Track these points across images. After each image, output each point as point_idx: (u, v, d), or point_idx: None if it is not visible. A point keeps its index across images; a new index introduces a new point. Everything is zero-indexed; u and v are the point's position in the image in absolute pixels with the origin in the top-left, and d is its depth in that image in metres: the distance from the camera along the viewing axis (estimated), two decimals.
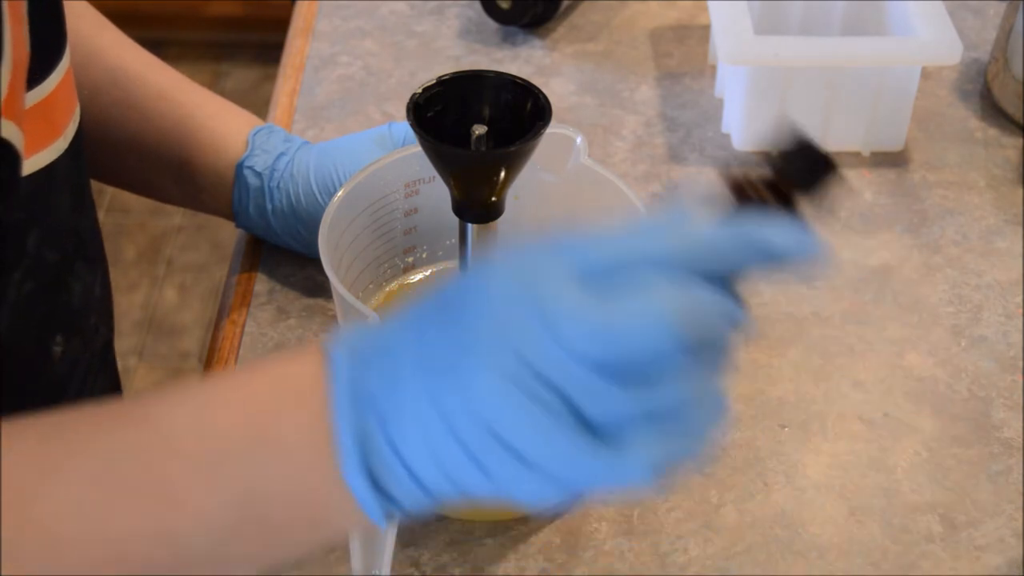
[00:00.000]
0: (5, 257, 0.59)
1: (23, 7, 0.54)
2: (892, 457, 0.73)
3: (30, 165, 0.59)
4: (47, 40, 0.59)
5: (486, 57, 1.00)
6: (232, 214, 0.81)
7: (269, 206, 0.79)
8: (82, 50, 0.77)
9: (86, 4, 0.79)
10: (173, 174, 0.80)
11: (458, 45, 1.01)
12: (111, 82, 0.78)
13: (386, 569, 0.59)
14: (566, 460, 0.42)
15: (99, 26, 0.79)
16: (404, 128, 0.77)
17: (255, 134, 0.80)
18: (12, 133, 0.53)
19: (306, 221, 0.78)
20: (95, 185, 0.82)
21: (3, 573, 0.43)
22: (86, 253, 0.65)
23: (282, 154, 0.79)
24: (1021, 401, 0.76)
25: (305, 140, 0.81)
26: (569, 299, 0.42)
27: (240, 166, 0.79)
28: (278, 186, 0.78)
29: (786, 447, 0.73)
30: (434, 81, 0.62)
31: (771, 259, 0.45)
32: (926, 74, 0.99)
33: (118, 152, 0.80)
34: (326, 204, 0.76)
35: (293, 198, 0.78)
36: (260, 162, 0.78)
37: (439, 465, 0.43)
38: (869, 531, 0.69)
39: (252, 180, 0.78)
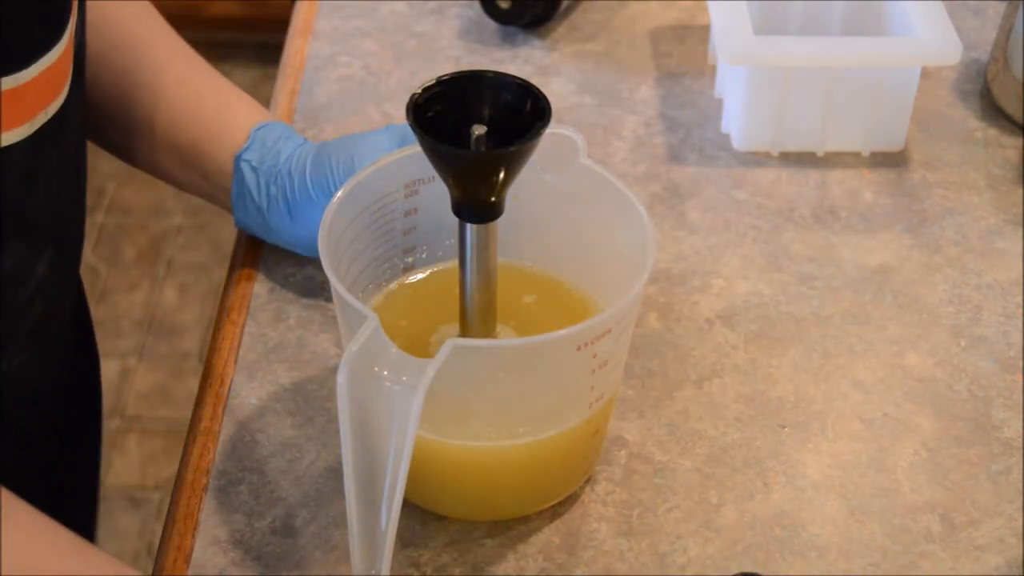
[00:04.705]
0: None
1: None
2: (892, 457, 0.73)
3: None
4: (34, 30, 0.61)
5: (486, 57, 1.00)
6: (232, 208, 0.81)
7: (264, 202, 0.79)
8: (121, 35, 0.80)
9: None
10: (182, 159, 0.82)
11: (458, 45, 1.01)
12: (136, 66, 0.81)
13: (386, 569, 0.59)
14: None
15: (142, 13, 0.83)
16: (403, 128, 0.77)
17: (258, 129, 0.80)
18: None
19: (300, 219, 0.78)
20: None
21: None
22: (27, 235, 0.67)
23: (280, 150, 0.79)
24: (1021, 401, 0.76)
25: (307, 140, 0.81)
26: None
27: (238, 159, 0.79)
28: (275, 181, 0.78)
29: (786, 447, 0.73)
30: (434, 81, 0.62)
31: None
32: (926, 74, 0.99)
33: (132, 131, 0.82)
34: (320, 202, 0.76)
35: (288, 194, 0.78)
36: (256, 156, 0.79)
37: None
38: (869, 531, 0.69)
39: (248, 174, 0.79)
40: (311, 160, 0.78)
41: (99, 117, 0.80)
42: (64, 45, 0.63)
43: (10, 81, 0.60)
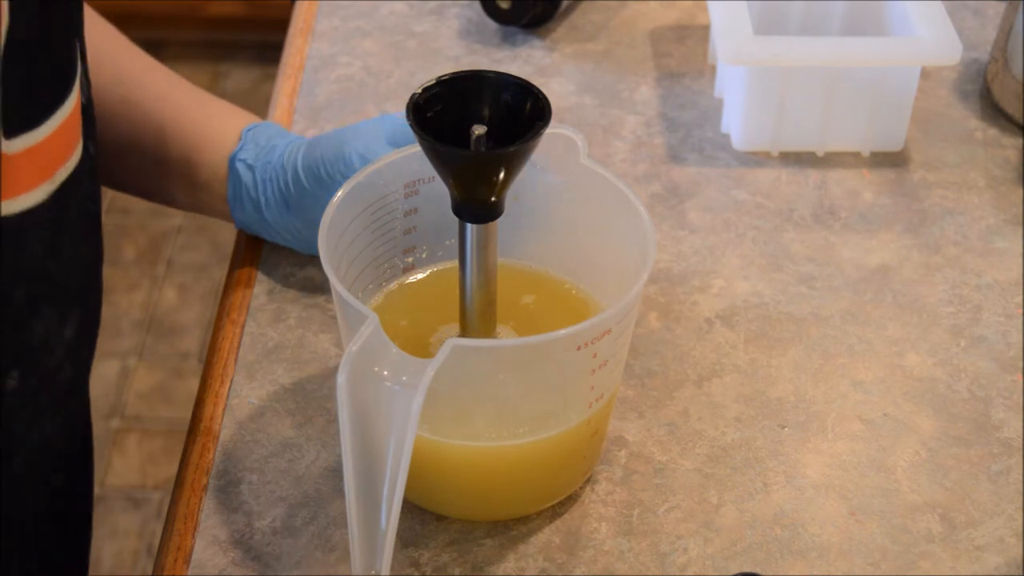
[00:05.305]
0: None
1: None
2: (892, 457, 0.73)
3: (13, 205, 0.59)
4: (44, 87, 0.60)
5: (486, 57, 1.00)
6: (229, 211, 0.81)
7: (262, 199, 0.79)
8: (91, 53, 0.77)
9: (95, 13, 0.80)
10: (172, 174, 0.81)
11: (458, 45, 1.01)
12: (116, 82, 0.79)
13: (386, 569, 0.59)
14: None
15: (106, 31, 0.81)
16: (394, 120, 0.77)
17: (249, 129, 0.80)
18: None
19: (299, 214, 0.78)
20: None
21: None
22: (55, 297, 0.65)
23: (274, 146, 0.79)
24: (1021, 401, 0.76)
25: (300, 136, 0.81)
26: None
27: (232, 159, 0.79)
28: (271, 177, 0.78)
29: (786, 447, 0.73)
30: (434, 81, 0.62)
31: None
32: (926, 74, 0.99)
33: (120, 153, 0.81)
34: (316, 194, 0.76)
35: (284, 189, 0.78)
36: (251, 155, 0.79)
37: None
38: (869, 531, 0.69)
39: (244, 173, 0.79)
40: (303, 151, 0.78)
41: None
42: (75, 98, 0.62)
43: (28, 139, 0.58)
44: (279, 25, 1.21)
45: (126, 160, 0.81)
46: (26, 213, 0.60)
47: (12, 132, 0.58)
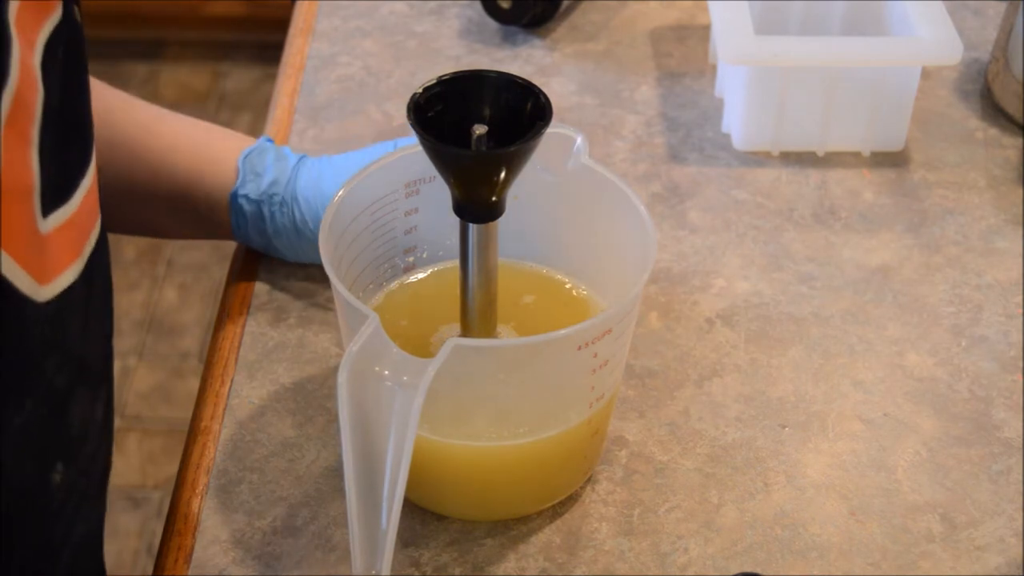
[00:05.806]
0: (19, 384, 0.55)
1: (33, 129, 0.52)
2: (892, 457, 0.73)
3: (53, 288, 0.56)
4: (71, 157, 0.58)
5: (486, 57, 1.00)
6: (232, 237, 0.81)
7: (270, 228, 0.79)
8: None
9: None
10: (167, 207, 0.80)
11: (458, 45, 1.01)
12: (98, 123, 0.77)
13: (386, 569, 0.59)
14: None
15: None
16: (397, 145, 0.76)
17: (244, 159, 0.79)
18: (11, 270, 0.51)
19: (312, 240, 0.78)
20: None
21: None
22: (88, 379, 0.62)
23: (276, 179, 0.78)
24: (1021, 401, 0.76)
25: (301, 155, 0.80)
26: None
27: (234, 196, 0.79)
28: (280, 209, 0.78)
29: (786, 447, 0.73)
30: (434, 81, 0.62)
31: None
32: (926, 74, 0.99)
33: (111, 194, 0.77)
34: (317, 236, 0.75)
35: (299, 221, 0.78)
36: (253, 189, 0.78)
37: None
38: (869, 531, 0.69)
39: (248, 208, 0.79)
40: (314, 188, 0.77)
41: None
42: (94, 164, 0.60)
43: (60, 215, 0.56)
44: (279, 25, 1.21)
45: (117, 200, 0.78)
46: (62, 295, 0.57)
47: (47, 209, 0.55)
